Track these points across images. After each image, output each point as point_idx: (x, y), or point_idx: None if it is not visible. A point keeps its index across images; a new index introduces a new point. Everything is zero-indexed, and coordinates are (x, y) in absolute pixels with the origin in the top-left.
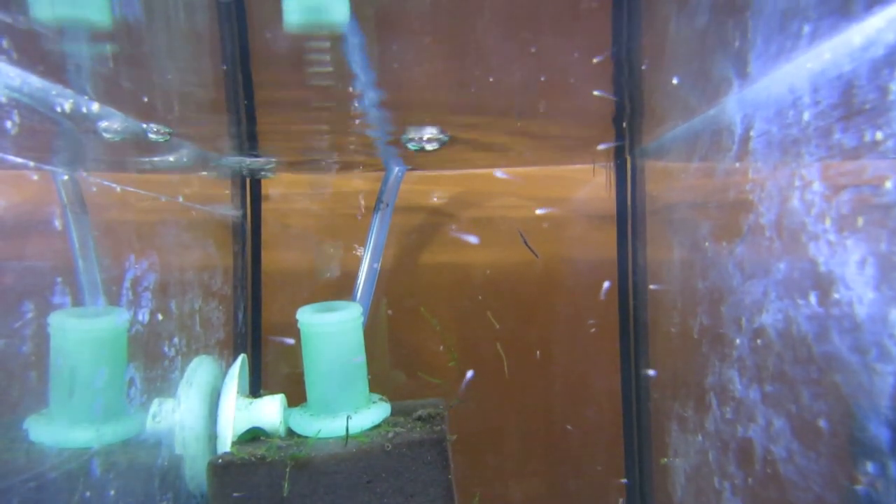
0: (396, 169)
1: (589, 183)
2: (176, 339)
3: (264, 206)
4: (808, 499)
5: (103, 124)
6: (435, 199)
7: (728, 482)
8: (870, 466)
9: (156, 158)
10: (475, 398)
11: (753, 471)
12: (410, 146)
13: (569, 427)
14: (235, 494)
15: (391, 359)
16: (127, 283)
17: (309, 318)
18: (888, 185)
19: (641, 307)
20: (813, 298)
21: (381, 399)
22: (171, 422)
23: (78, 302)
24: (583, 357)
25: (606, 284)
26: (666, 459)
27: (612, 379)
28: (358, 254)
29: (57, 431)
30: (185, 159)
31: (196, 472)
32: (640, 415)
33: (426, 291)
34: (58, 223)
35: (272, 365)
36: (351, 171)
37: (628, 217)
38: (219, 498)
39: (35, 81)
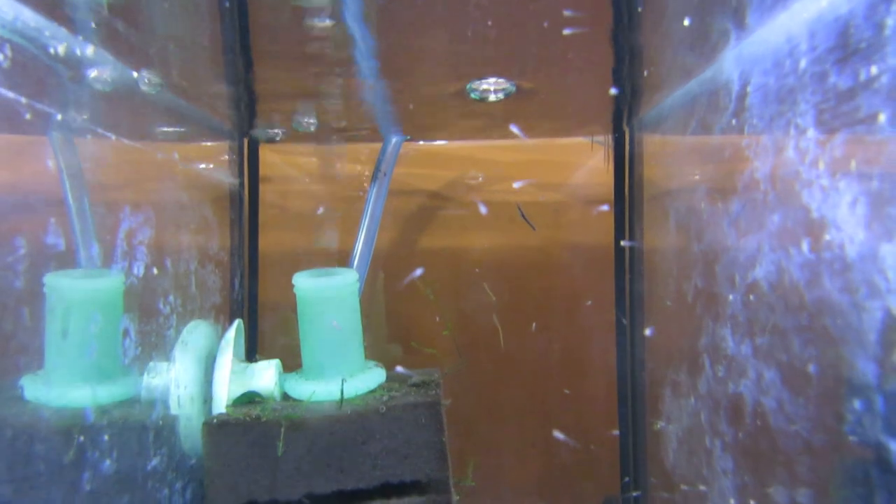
0: (395, 139)
1: (588, 157)
2: (171, 297)
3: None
4: (796, 445)
5: (93, 73)
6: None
7: (719, 440)
8: (857, 404)
9: (152, 122)
10: (471, 370)
11: (744, 425)
12: (473, 95)
13: (566, 391)
14: (192, 461)
15: (388, 333)
16: (121, 234)
17: (305, 282)
18: (881, 119)
19: (638, 278)
20: (805, 245)
21: (376, 365)
22: (167, 381)
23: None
24: (579, 329)
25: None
26: (659, 424)
27: (608, 351)
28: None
29: (51, 391)
30: (180, 123)
31: (191, 432)
32: (635, 383)
33: (426, 271)
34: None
35: (269, 335)
36: (349, 142)
37: (625, 190)
38: (213, 457)
39: (28, 16)
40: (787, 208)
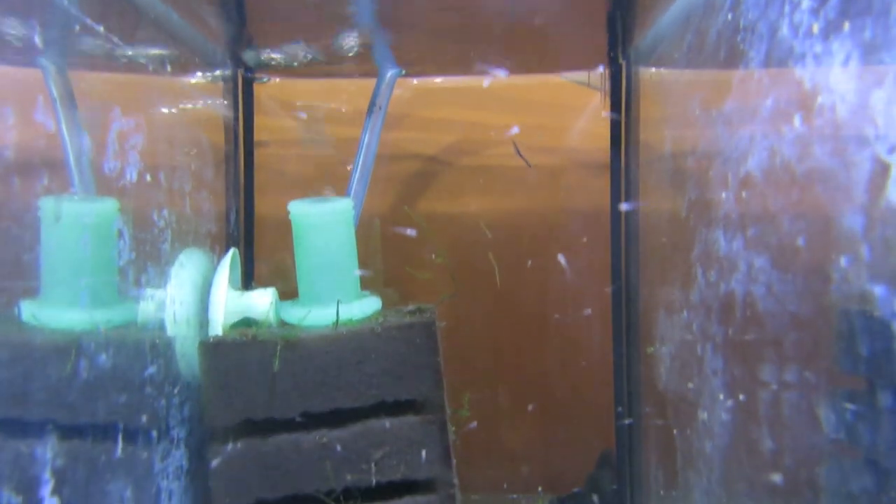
0: (390, 72)
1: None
2: (165, 212)
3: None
4: (783, 324)
5: None
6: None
7: (709, 343)
8: (843, 261)
9: (142, 46)
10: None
11: (734, 319)
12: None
13: (556, 316)
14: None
15: (383, 276)
16: (113, 135)
17: (300, 208)
18: None
19: (633, 223)
20: (797, 121)
21: (371, 294)
22: (163, 298)
23: None
24: (573, 267)
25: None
26: (652, 348)
27: (603, 285)
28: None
29: (48, 313)
30: (173, 43)
31: (186, 351)
32: (630, 310)
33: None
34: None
35: (265, 279)
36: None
37: (622, 128)
38: (210, 376)
39: None
40: (780, 88)
